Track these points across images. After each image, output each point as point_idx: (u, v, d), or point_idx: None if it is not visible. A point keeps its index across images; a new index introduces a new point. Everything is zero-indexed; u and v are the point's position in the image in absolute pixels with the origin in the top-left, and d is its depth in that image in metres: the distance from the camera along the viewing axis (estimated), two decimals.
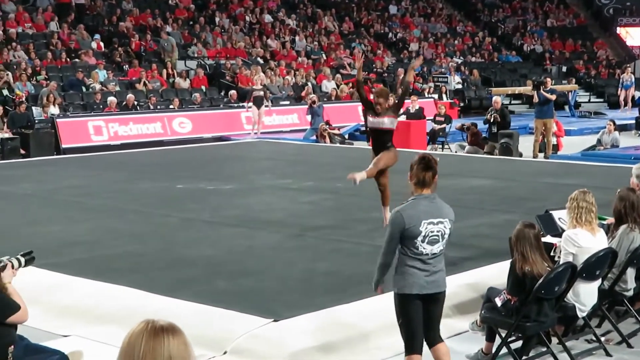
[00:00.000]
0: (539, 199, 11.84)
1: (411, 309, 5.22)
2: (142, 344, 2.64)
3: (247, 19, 30.49)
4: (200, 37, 27.75)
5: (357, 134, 22.53)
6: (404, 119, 21.15)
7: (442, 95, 27.47)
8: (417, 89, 28.24)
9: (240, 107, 23.38)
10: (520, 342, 6.39)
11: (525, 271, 5.94)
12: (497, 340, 6.28)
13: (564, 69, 34.68)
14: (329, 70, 27.97)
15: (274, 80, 26.10)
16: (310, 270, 8.44)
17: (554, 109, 19.20)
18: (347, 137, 22.05)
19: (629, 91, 30.56)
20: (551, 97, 18.50)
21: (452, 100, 27.61)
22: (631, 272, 7.00)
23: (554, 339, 6.37)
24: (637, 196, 7.08)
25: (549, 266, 6.05)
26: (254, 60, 27.35)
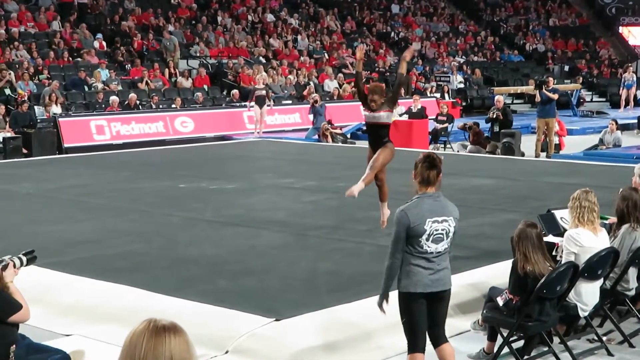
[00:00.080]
0: (541, 199, 11.84)
1: (415, 307, 5.22)
2: (144, 343, 2.65)
3: (250, 18, 30.50)
4: (202, 36, 27.75)
5: (359, 133, 22.50)
6: (406, 118, 21.20)
7: (445, 94, 27.46)
8: (420, 88, 28.25)
9: (242, 106, 23.38)
10: (522, 342, 6.39)
11: (527, 271, 5.94)
12: (499, 339, 6.28)
13: (566, 68, 34.65)
14: (331, 69, 27.94)
15: (276, 79, 26.10)
16: (312, 269, 8.43)
17: (556, 108, 19.20)
18: (349, 136, 22.04)
19: (631, 90, 30.49)
20: (553, 96, 18.50)
21: (454, 99, 27.58)
22: (633, 272, 7.00)
23: (556, 339, 6.37)
24: (639, 195, 7.07)
25: (550, 266, 6.05)
26: (256, 59, 27.34)
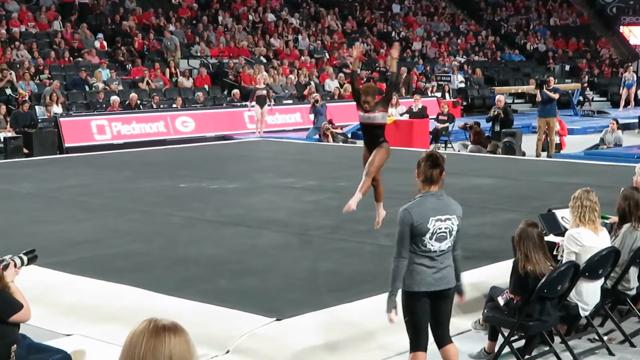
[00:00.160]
0: (542, 198, 11.83)
1: (418, 306, 5.22)
2: (143, 342, 2.64)
3: (250, 18, 30.50)
4: (203, 36, 27.74)
5: (360, 133, 22.33)
6: (407, 117, 21.20)
7: (445, 94, 27.46)
8: (421, 87, 28.25)
9: (243, 106, 23.38)
10: (522, 341, 6.39)
11: (527, 270, 5.93)
12: (500, 339, 6.28)
13: (567, 68, 34.64)
14: (332, 69, 27.93)
15: (277, 79, 26.10)
16: (313, 269, 8.43)
17: (557, 107, 19.19)
18: (349, 136, 22.01)
19: (631, 90, 30.47)
20: (554, 95, 18.50)
21: (455, 99, 27.59)
22: (634, 271, 6.99)
23: (557, 338, 6.37)
24: None
25: (551, 265, 6.05)
26: (256, 59, 27.33)
